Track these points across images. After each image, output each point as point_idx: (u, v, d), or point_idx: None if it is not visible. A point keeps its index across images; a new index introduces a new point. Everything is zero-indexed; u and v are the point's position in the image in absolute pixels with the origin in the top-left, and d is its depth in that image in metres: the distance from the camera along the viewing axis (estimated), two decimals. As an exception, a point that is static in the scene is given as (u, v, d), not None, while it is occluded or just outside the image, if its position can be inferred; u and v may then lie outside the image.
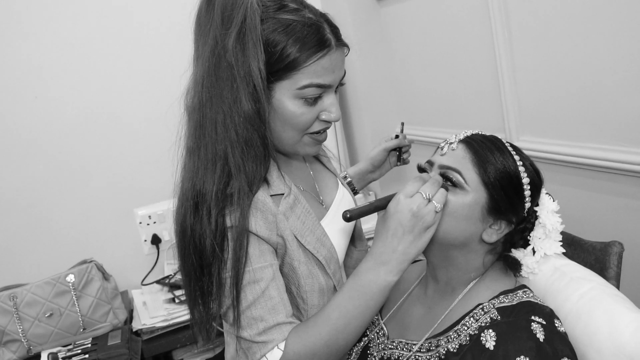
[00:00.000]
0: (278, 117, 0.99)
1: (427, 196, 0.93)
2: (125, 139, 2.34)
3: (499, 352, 0.87)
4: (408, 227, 0.92)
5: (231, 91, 0.94)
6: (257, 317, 0.98)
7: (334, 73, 0.99)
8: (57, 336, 1.92)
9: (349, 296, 0.97)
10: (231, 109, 0.95)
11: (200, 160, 0.97)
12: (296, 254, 1.03)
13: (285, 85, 0.97)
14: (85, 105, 2.27)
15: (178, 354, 2.21)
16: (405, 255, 0.94)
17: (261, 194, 0.99)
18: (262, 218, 0.99)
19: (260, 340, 0.97)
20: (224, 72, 0.94)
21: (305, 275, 1.04)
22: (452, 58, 1.81)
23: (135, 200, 2.38)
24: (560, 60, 1.34)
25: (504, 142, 1.04)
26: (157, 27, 2.31)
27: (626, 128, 1.21)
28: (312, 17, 0.97)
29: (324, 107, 1.01)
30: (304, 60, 0.95)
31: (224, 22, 0.94)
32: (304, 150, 1.07)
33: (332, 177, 1.27)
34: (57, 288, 1.93)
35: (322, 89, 0.99)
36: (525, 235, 1.05)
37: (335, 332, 0.96)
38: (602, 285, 0.98)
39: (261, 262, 0.99)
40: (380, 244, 0.96)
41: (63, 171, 2.27)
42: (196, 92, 0.99)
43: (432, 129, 2.00)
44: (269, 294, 0.98)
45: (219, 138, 0.95)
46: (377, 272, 0.95)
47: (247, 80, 0.93)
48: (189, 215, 0.97)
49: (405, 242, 0.93)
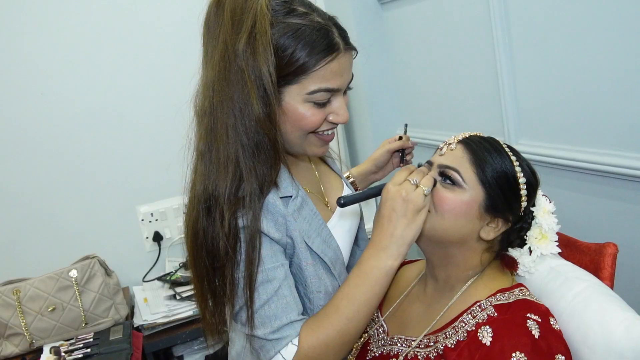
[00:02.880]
0: (287, 119, 1.00)
1: (414, 182, 0.97)
2: (128, 137, 2.36)
3: (495, 347, 0.89)
4: (400, 211, 0.95)
5: (242, 95, 0.94)
6: (271, 315, 0.99)
7: (342, 77, 1.00)
8: (60, 330, 1.93)
9: (354, 284, 0.99)
10: (242, 112, 0.95)
11: (212, 164, 0.98)
12: (304, 255, 1.05)
13: (295, 89, 0.97)
14: (90, 103, 2.28)
15: (178, 350, 2.22)
16: (403, 239, 0.97)
17: (272, 196, 1.01)
18: (273, 220, 1.01)
19: (274, 338, 0.98)
20: (235, 76, 0.95)
21: (312, 277, 1.06)
22: (453, 62, 1.81)
23: (137, 197, 2.40)
24: (559, 65, 1.35)
25: (502, 144, 1.06)
26: (164, 26, 2.33)
27: (622, 133, 1.21)
28: (320, 22, 0.97)
29: (333, 109, 1.03)
30: (313, 65, 0.95)
31: (234, 27, 0.94)
32: (312, 151, 1.08)
33: (337, 179, 1.28)
34: (60, 283, 1.94)
35: (331, 93, 1.00)
36: (522, 234, 1.06)
37: (346, 320, 0.98)
38: (596, 285, 0.99)
39: (273, 262, 1.00)
40: (378, 232, 0.99)
41: (67, 168, 2.29)
42: (206, 96, 0.99)
43: (433, 131, 2.01)
44: (282, 292, 1.00)
45: (230, 141, 0.96)
46: (379, 258, 0.98)
47: (257, 84, 0.93)
48: (201, 218, 0.98)
49: (401, 225, 0.96)
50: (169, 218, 2.45)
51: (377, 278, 0.98)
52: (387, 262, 0.97)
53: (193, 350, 2.24)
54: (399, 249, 0.97)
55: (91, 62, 2.26)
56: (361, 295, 0.98)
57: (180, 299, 2.09)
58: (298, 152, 1.11)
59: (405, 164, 1.57)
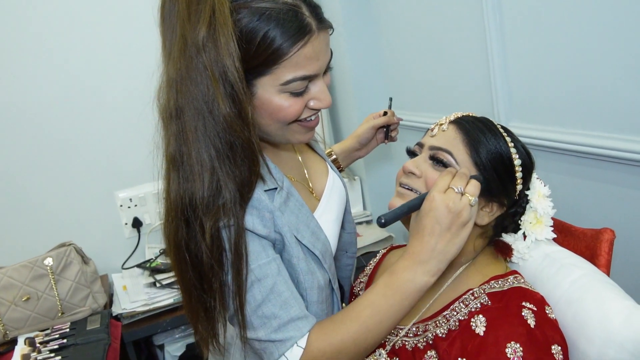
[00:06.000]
0: (263, 113, 0.93)
1: (459, 190, 0.89)
2: (106, 119, 2.29)
3: (489, 338, 0.87)
4: (445, 224, 0.89)
5: (208, 94, 0.86)
6: (270, 315, 0.94)
7: (319, 60, 0.91)
8: (35, 321, 1.89)
9: (383, 294, 0.93)
10: (211, 113, 0.87)
11: (185, 171, 0.89)
12: (295, 250, 0.99)
13: (267, 81, 0.89)
14: (65, 84, 2.21)
15: (159, 339, 2.19)
16: (445, 255, 0.90)
17: (256, 191, 0.94)
18: (259, 216, 0.95)
19: (277, 339, 0.93)
20: (198, 75, 0.86)
21: (304, 272, 1.01)
22: (442, 41, 1.78)
23: (115, 182, 2.34)
24: (552, 45, 1.32)
25: (496, 124, 1.02)
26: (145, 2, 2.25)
27: (618, 115, 1.19)
28: (287, 1, 0.88)
29: (313, 95, 0.94)
30: (284, 53, 0.86)
31: (191, 17, 0.85)
32: (296, 139, 1.01)
33: (321, 162, 1.23)
34: (34, 271, 1.89)
35: (308, 80, 0.92)
36: (517, 219, 1.04)
37: (366, 330, 0.93)
38: (593, 273, 0.97)
39: (264, 258, 0.95)
40: (417, 243, 0.92)
41: (42, 152, 2.23)
42: (170, 97, 0.90)
43: (420, 113, 1.98)
44: (278, 289, 0.95)
45: (201, 145, 0.88)
46: (415, 272, 0.92)
47: (223, 80, 0.85)
48: (181, 231, 0.91)
49: (444, 240, 0.89)
50: (148, 203, 2.40)
51: (409, 293, 0.92)
52: (423, 277, 0.91)
53: (174, 338, 2.21)
54: (438, 264, 0.91)
55: (65, 40, 2.19)
56: (388, 308, 0.93)
57: (161, 287, 2.04)
58: (281, 142, 1.05)
59: (391, 140, 1.53)
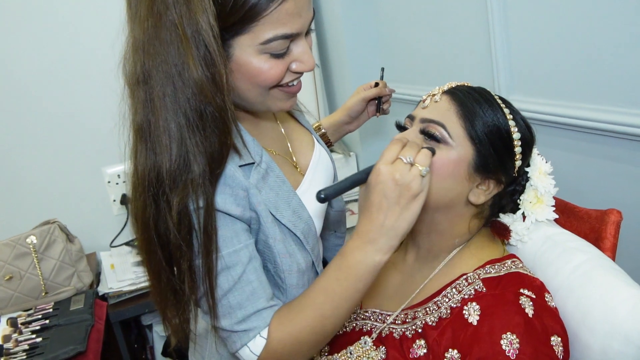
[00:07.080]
0: (241, 76, 0.86)
1: (408, 160, 0.82)
2: (93, 93, 2.23)
3: (483, 328, 0.81)
4: (393, 198, 0.81)
5: (178, 56, 0.79)
6: (235, 305, 0.90)
7: (301, 17, 0.84)
8: (18, 300, 1.87)
9: (335, 277, 0.88)
10: (181, 77, 0.80)
11: (152, 143, 0.83)
12: (271, 230, 0.93)
13: (245, 40, 0.82)
14: (50, 57, 2.19)
15: (146, 319, 2.15)
16: (395, 230, 0.83)
17: (230, 166, 0.88)
18: (232, 195, 0.88)
19: (240, 329, 0.90)
20: (168, 34, 0.79)
21: (282, 254, 0.95)
22: (440, 10, 1.72)
23: (103, 158, 2.30)
24: (556, 14, 1.27)
25: (493, 94, 0.95)
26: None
27: (626, 88, 1.14)
28: None
29: (295, 56, 0.88)
30: (264, 8, 0.79)
31: None
32: (277, 107, 0.94)
33: (307, 135, 1.15)
34: (16, 250, 1.87)
35: (290, 39, 0.85)
36: (515, 198, 0.99)
37: (322, 317, 0.89)
38: (597, 258, 0.91)
39: (235, 245, 0.89)
40: (365, 221, 0.85)
41: (26, 126, 2.21)
42: (137, 60, 0.83)
43: (416, 86, 1.92)
44: (247, 278, 0.90)
45: (170, 114, 0.81)
46: (365, 252, 0.85)
47: (196, 40, 0.78)
48: (149, 209, 0.85)
49: (393, 215, 0.82)
50: (137, 180, 2.33)
51: (361, 274, 0.86)
52: (374, 257, 0.85)
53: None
54: (389, 242, 0.84)
55: (50, 11, 2.15)
56: (342, 292, 0.87)
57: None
58: (260, 110, 0.98)
59: (382, 113, 1.46)
